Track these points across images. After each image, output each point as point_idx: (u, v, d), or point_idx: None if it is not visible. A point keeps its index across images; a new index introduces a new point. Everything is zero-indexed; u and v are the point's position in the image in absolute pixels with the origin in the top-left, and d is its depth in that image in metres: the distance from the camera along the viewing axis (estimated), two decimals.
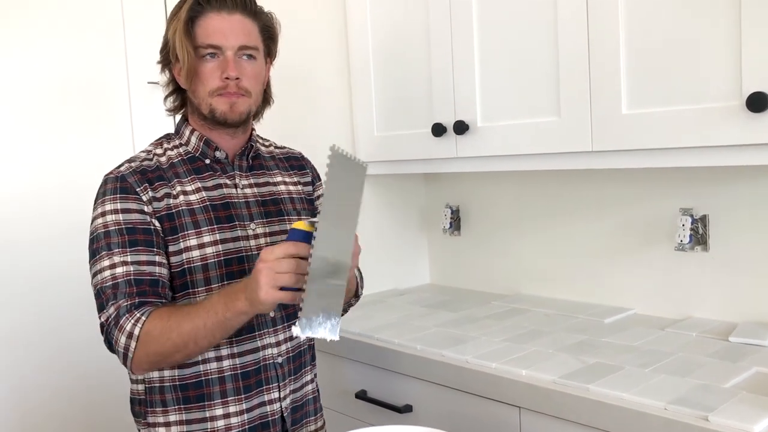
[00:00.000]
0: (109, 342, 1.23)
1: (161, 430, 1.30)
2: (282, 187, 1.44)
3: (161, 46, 1.35)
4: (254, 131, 1.44)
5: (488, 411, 1.45)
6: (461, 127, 1.79)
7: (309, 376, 1.45)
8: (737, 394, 1.22)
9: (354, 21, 2.09)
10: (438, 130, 1.84)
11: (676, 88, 1.40)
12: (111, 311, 1.21)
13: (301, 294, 1.09)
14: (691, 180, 1.70)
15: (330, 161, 1.09)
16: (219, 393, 1.30)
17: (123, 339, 1.19)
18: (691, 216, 1.69)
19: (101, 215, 1.27)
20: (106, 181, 1.30)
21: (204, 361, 1.29)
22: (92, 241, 1.27)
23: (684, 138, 1.39)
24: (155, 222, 1.27)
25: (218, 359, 1.30)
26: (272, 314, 1.35)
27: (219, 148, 1.36)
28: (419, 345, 1.62)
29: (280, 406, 1.36)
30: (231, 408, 1.30)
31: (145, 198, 1.28)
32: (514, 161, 1.74)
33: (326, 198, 1.09)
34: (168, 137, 1.39)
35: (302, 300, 1.08)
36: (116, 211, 1.26)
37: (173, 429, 1.29)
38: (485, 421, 1.46)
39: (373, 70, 2.06)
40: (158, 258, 1.26)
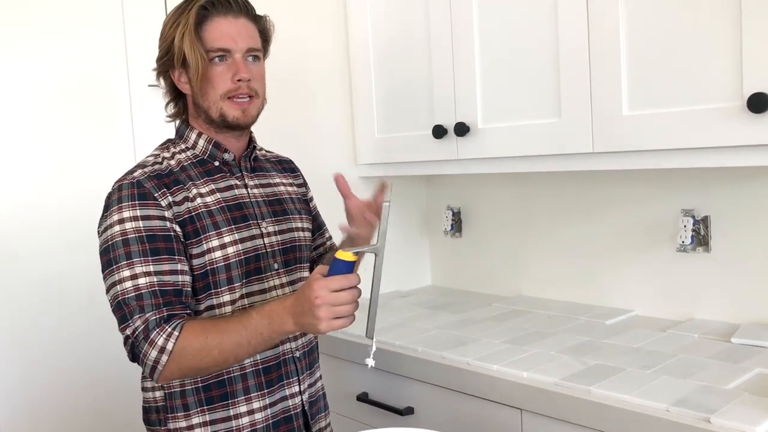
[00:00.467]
0: (135, 354, 1.22)
1: None
2: (282, 188, 1.47)
3: (160, 53, 1.34)
4: (252, 134, 1.45)
5: (490, 413, 1.45)
6: (462, 129, 1.78)
7: (319, 372, 1.48)
8: (739, 396, 1.22)
9: (355, 23, 2.09)
10: (439, 132, 1.84)
11: (677, 89, 1.40)
12: (138, 324, 1.19)
13: (372, 329, 1.19)
14: (693, 181, 1.70)
15: (388, 196, 1.22)
16: (242, 390, 1.31)
17: (154, 353, 1.18)
18: (693, 217, 1.69)
19: (119, 222, 1.23)
20: (121, 187, 1.27)
21: None
22: (108, 250, 1.24)
23: (685, 139, 1.39)
24: (176, 228, 1.26)
25: None
26: None
27: (227, 150, 1.37)
28: (420, 347, 1.62)
29: (301, 400, 1.39)
30: (255, 404, 1.32)
31: (164, 203, 1.26)
32: (515, 163, 1.73)
33: (384, 226, 1.17)
34: (172, 142, 1.38)
35: (372, 332, 1.18)
36: (135, 218, 1.23)
37: (197, 431, 1.30)
38: (487, 423, 1.45)
39: (374, 72, 2.06)
40: (180, 266, 1.25)
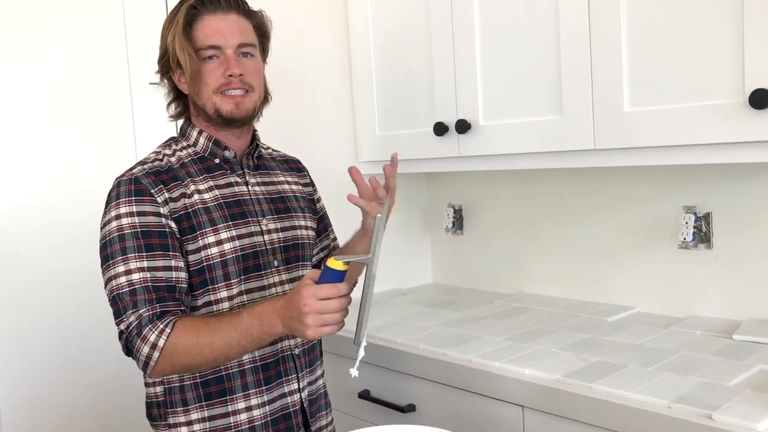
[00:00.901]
0: (128, 349, 1.23)
1: (183, 430, 1.30)
2: (286, 186, 1.47)
3: (159, 55, 1.36)
4: (256, 132, 1.45)
5: (491, 410, 1.45)
6: (463, 126, 1.78)
7: (320, 370, 1.47)
8: (741, 393, 1.22)
9: (355, 20, 2.09)
10: (440, 129, 1.84)
11: (679, 86, 1.40)
12: (131, 320, 1.21)
13: (360, 337, 1.19)
14: (695, 178, 1.70)
15: (386, 203, 1.22)
16: (240, 386, 1.31)
17: (146, 349, 1.20)
18: (695, 214, 1.69)
19: (115, 218, 1.25)
20: (119, 184, 1.28)
21: None
22: (105, 245, 1.26)
23: (687, 135, 1.39)
24: (171, 224, 1.27)
25: None
26: None
27: (228, 148, 1.37)
28: (422, 344, 1.62)
29: (300, 397, 1.39)
30: (253, 400, 1.32)
31: (161, 199, 1.27)
32: (517, 160, 1.73)
33: (378, 238, 1.17)
34: (174, 140, 1.39)
35: (361, 342, 1.19)
36: (131, 214, 1.25)
37: (196, 427, 1.30)
38: (488, 421, 1.46)
39: (375, 70, 2.06)
40: (174, 262, 1.26)
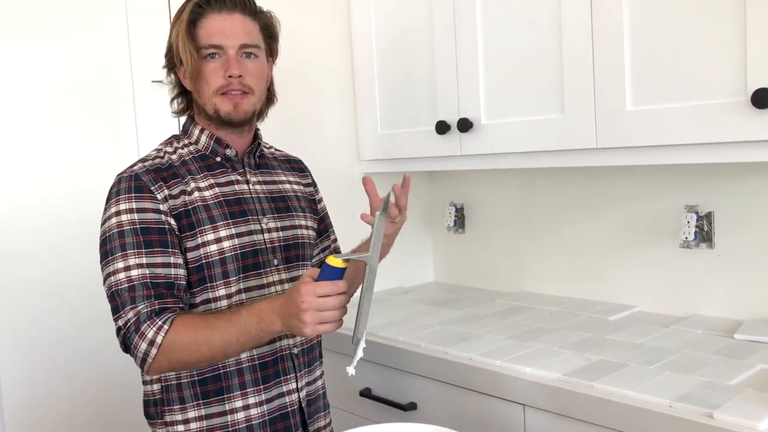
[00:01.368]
0: (126, 345, 1.23)
1: (180, 428, 1.30)
2: (287, 186, 1.47)
3: (166, 50, 1.36)
4: (258, 131, 1.45)
5: (492, 409, 1.45)
6: (465, 125, 1.78)
7: (319, 371, 1.47)
8: (742, 392, 1.22)
9: (358, 19, 2.09)
10: (442, 128, 1.84)
11: (681, 85, 1.39)
12: (129, 316, 1.21)
13: (358, 335, 1.18)
14: (696, 177, 1.70)
15: (386, 202, 1.22)
16: (238, 385, 1.31)
17: (143, 345, 1.20)
18: (696, 213, 1.69)
19: (115, 215, 1.26)
20: (120, 180, 1.29)
21: None
22: (105, 242, 1.26)
23: (689, 135, 1.39)
24: (171, 221, 1.27)
25: None
26: None
27: (230, 146, 1.37)
28: (423, 343, 1.62)
29: (298, 397, 1.38)
30: (251, 399, 1.31)
31: (160, 196, 1.27)
32: (518, 159, 1.73)
33: (378, 236, 1.18)
34: (176, 137, 1.40)
35: (360, 341, 1.18)
36: (131, 211, 1.25)
37: (192, 425, 1.30)
38: (489, 419, 1.46)
39: (377, 69, 2.06)
40: (173, 259, 1.26)
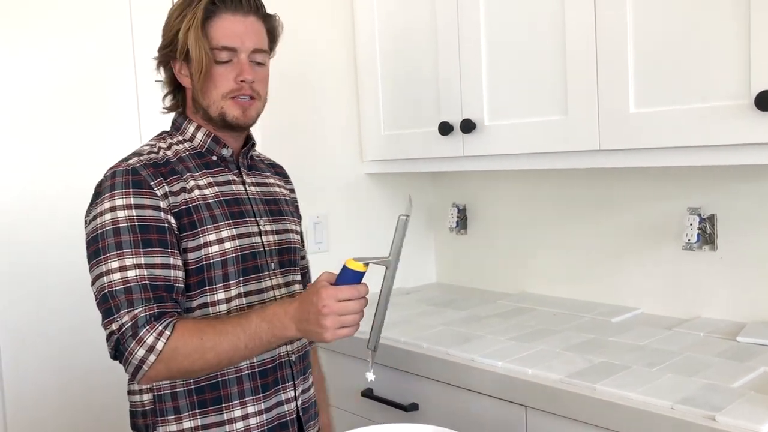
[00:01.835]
0: (118, 351, 1.15)
1: None
2: (277, 189, 1.43)
3: (164, 43, 1.29)
4: (250, 131, 1.40)
5: (494, 410, 1.45)
6: (468, 126, 1.78)
7: (311, 378, 1.43)
8: (745, 394, 1.22)
9: (361, 20, 2.09)
10: (445, 129, 1.84)
11: (684, 87, 1.39)
12: (125, 320, 1.14)
13: (376, 341, 1.18)
14: (699, 179, 1.69)
15: (408, 211, 1.18)
16: (237, 393, 1.25)
17: (141, 352, 1.13)
18: (699, 215, 1.69)
19: (110, 210, 1.18)
20: (115, 174, 1.21)
21: None
22: (96, 239, 1.18)
23: (692, 137, 1.38)
24: (171, 219, 1.21)
25: None
26: None
27: (227, 146, 1.33)
28: (425, 343, 1.62)
29: (296, 405, 1.34)
30: (250, 408, 1.26)
31: (160, 193, 1.21)
32: (521, 160, 1.73)
33: (398, 239, 1.16)
34: (168, 133, 1.34)
35: (375, 344, 1.18)
36: (129, 207, 1.18)
37: None
38: (491, 420, 1.46)
39: (380, 69, 2.06)
40: (173, 260, 1.20)
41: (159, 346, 1.13)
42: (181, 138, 1.32)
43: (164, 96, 1.37)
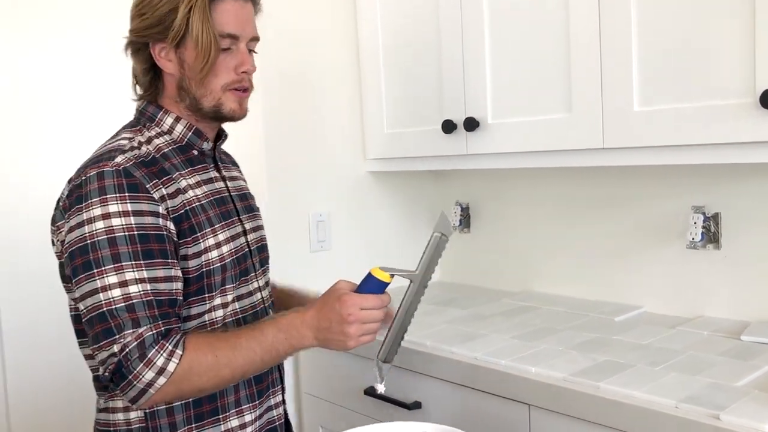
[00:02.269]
0: (120, 375, 1.05)
1: None
2: (242, 182, 1.36)
3: (147, 22, 1.16)
4: None
5: (498, 408, 1.45)
6: (472, 124, 1.78)
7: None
8: (749, 393, 1.21)
9: (364, 17, 2.09)
10: (448, 127, 1.84)
11: (689, 85, 1.39)
12: (129, 340, 1.03)
13: (391, 355, 1.19)
14: (704, 177, 1.69)
15: (443, 229, 1.17)
16: (234, 402, 1.20)
17: (149, 374, 1.04)
18: (703, 214, 1.68)
19: (102, 218, 1.06)
20: (102, 176, 1.08)
21: None
22: (86, 250, 1.05)
23: (696, 135, 1.38)
24: (170, 225, 1.11)
25: None
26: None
27: (208, 139, 1.24)
28: (429, 341, 1.62)
29: (284, 409, 1.32)
30: (247, 416, 1.22)
31: (157, 196, 1.10)
32: (525, 158, 1.73)
33: (429, 255, 1.16)
34: (143, 125, 1.21)
35: (392, 357, 1.19)
36: (125, 213, 1.06)
37: None
38: (495, 419, 1.45)
39: (383, 67, 2.06)
40: (174, 271, 1.10)
41: (170, 368, 1.05)
42: (159, 130, 1.21)
43: (135, 82, 1.24)
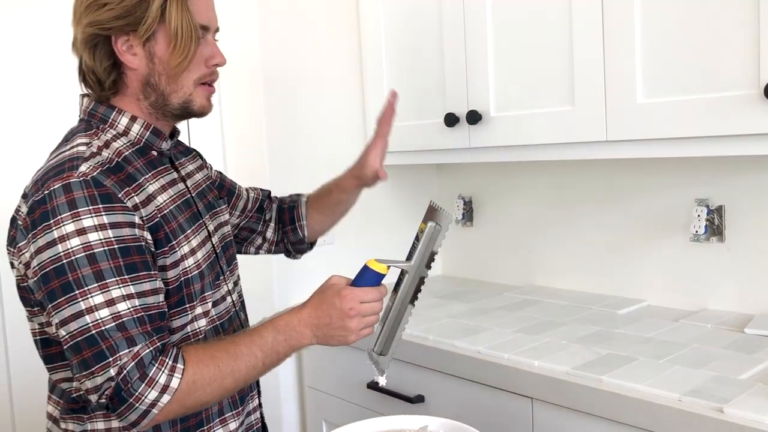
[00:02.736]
0: (120, 399, 0.98)
1: None
2: (199, 175, 1.28)
3: (112, 14, 1.05)
4: None
5: (500, 402, 1.44)
6: (474, 117, 1.77)
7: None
8: (753, 386, 1.21)
9: (366, 10, 2.08)
10: (451, 120, 1.83)
11: (693, 77, 1.38)
12: (125, 361, 0.97)
13: (390, 349, 1.17)
14: (707, 170, 1.68)
15: (438, 219, 1.15)
16: (217, 411, 1.16)
17: (153, 394, 0.98)
18: (707, 206, 1.68)
19: (77, 234, 0.97)
20: (70, 187, 0.98)
21: None
22: (62, 271, 0.97)
23: (700, 127, 1.37)
24: (147, 235, 1.04)
25: None
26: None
27: (167, 138, 1.16)
28: (431, 335, 1.62)
29: (261, 413, 1.29)
30: (230, 425, 1.18)
31: (131, 205, 1.02)
32: (528, 151, 1.72)
33: (424, 246, 1.13)
34: (96, 127, 1.11)
35: (388, 349, 1.17)
36: (102, 227, 0.98)
37: None
38: (497, 412, 1.45)
39: (386, 60, 2.05)
40: (158, 283, 1.04)
41: (174, 384, 0.99)
42: (114, 132, 1.11)
43: (98, 81, 1.11)
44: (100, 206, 0.99)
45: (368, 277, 1.11)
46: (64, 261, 0.97)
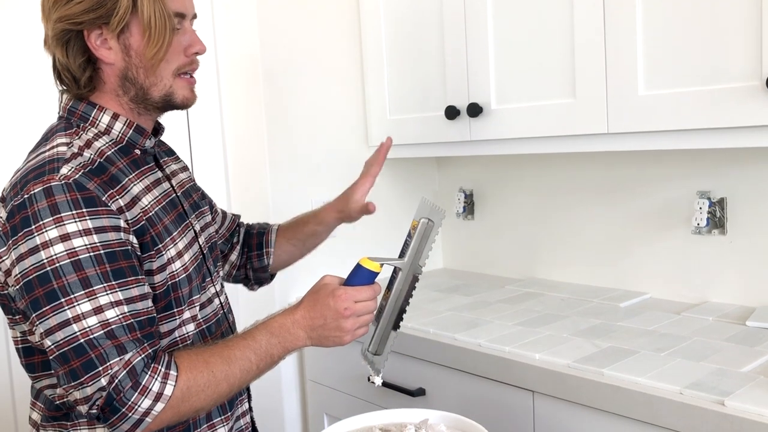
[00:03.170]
0: (111, 409, 0.95)
1: None
2: (182, 175, 1.25)
3: (82, 7, 1.01)
4: None
5: (501, 395, 1.44)
6: (475, 110, 1.77)
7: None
8: (754, 379, 1.21)
9: (367, 1, 2.07)
10: (451, 113, 1.83)
11: (694, 69, 1.37)
12: (116, 370, 0.94)
13: (385, 348, 1.16)
14: (709, 162, 1.68)
15: (430, 214, 1.15)
16: (205, 416, 1.13)
17: (146, 402, 0.95)
18: (709, 199, 1.67)
19: (61, 239, 0.93)
20: (51, 191, 0.95)
21: None
22: (46, 279, 0.93)
23: (702, 119, 1.37)
24: (132, 239, 1.01)
25: None
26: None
27: (150, 136, 1.12)
28: (432, 329, 1.62)
29: (251, 417, 1.27)
30: (219, 430, 1.16)
31: (115, 208, 0.99)
32: (529, 144, 1.72)
33: (418, 242, 1.13)
34: (77, 126, 1.07)
35: (383, 348, 1.16)
36: (86, 232, 0.95)
37: None
38: (498, 405, 1.45)
39: (386, 53, 2.04)
40: (146, 288, 1.01)
41: (167, 391, 0.97)
42: (96, 131, 1.07)
43: (73, 79, 1.07)
44: (84, 210, 0.96)
45: (361, 276, 1.10)
46: (48, 268, 0.93)
